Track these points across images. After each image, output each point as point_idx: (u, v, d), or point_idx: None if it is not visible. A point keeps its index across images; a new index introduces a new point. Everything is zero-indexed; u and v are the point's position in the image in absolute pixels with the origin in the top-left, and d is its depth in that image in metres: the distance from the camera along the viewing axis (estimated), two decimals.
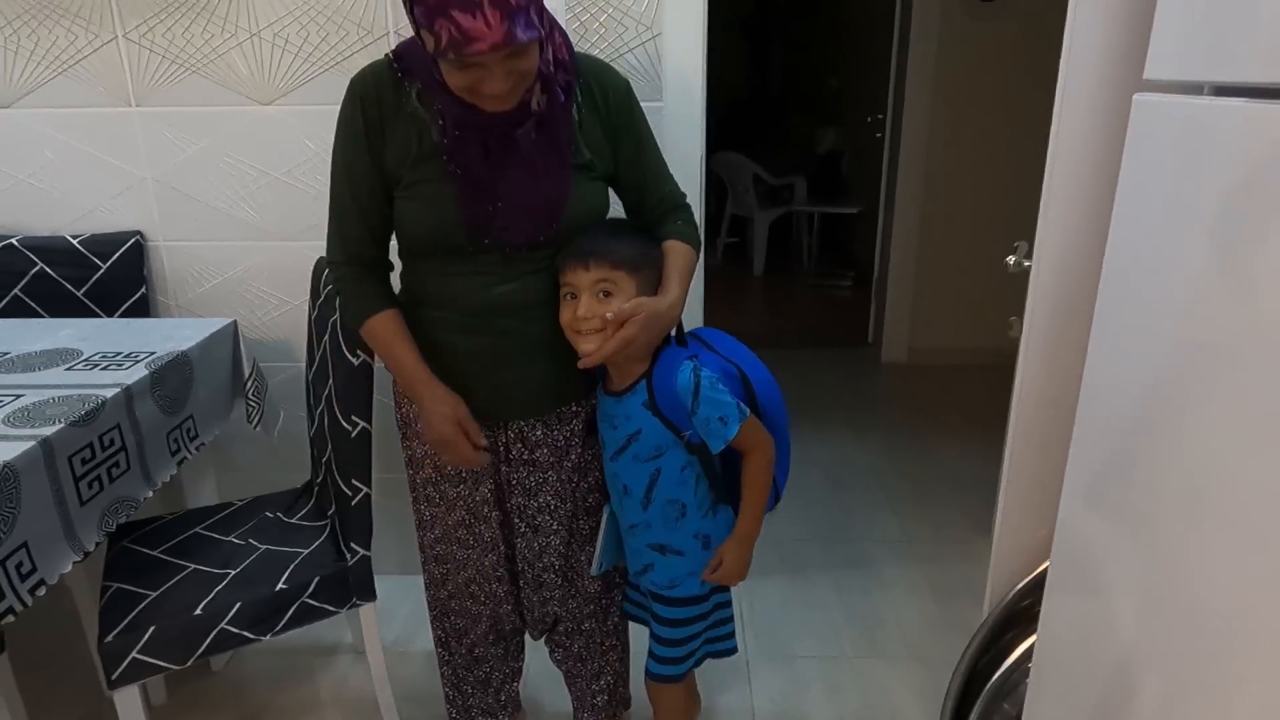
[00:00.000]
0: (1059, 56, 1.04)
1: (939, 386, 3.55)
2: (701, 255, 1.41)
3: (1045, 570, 1.03)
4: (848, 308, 4.62)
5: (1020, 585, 1.27)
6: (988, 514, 1.61)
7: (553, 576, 1.45)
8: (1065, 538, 0.98)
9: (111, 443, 1.38)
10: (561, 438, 1.37)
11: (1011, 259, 1.23)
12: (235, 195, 1.94)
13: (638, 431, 1.29)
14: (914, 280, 3.72)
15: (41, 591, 1.21)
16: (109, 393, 1.38)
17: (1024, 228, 1.22)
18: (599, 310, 1.20)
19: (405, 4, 1.03)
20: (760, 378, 1.35)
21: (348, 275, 1.26)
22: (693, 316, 2.01)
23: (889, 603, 2.17)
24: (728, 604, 1.46)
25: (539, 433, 1.36)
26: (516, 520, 1.41)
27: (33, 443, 1.20)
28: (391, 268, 1.32)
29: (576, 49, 1.27)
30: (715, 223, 5.52)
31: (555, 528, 1.41)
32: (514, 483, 1.38)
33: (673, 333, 1.32)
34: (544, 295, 1.26)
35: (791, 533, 2.50)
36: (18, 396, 1.36)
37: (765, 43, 6.91)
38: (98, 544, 1.35)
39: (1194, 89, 0.76)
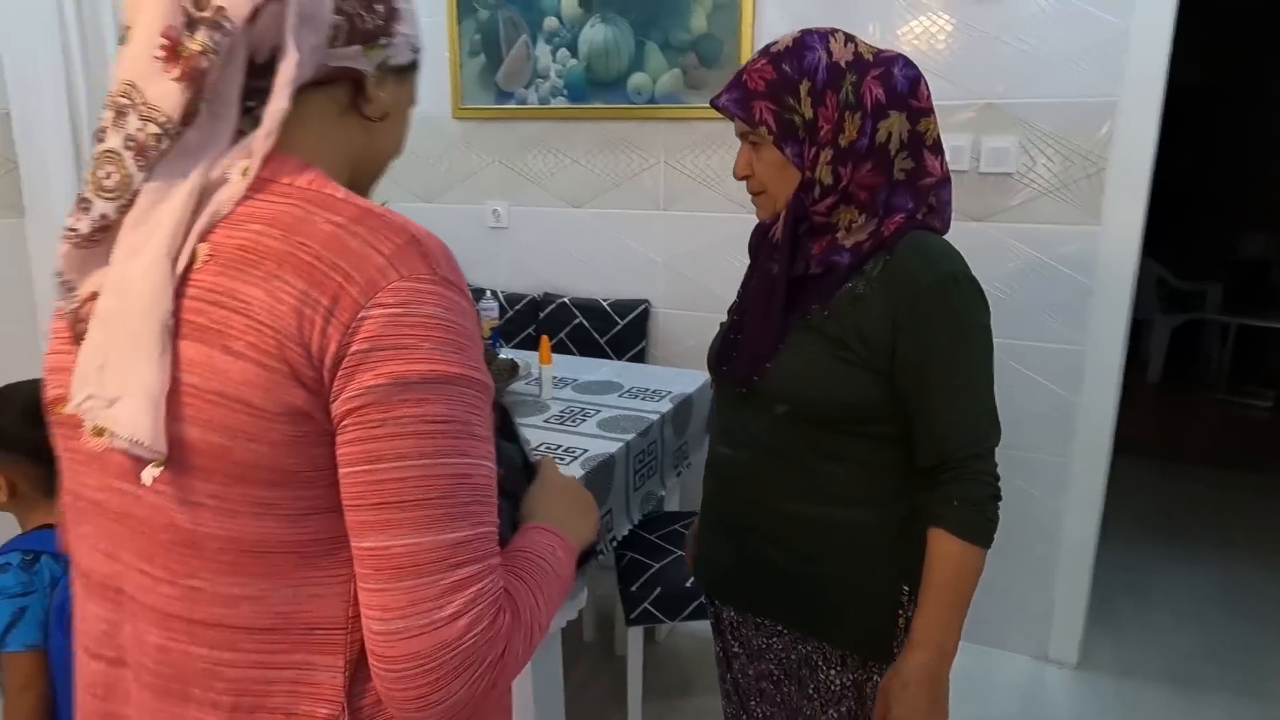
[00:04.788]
0: None
1: None
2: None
3: None
4: (1262, 430, 4.20)
5: None
6: None
7: None
8: None
9: (651, 452, 1.96)
10: (760, 642, 1.24)
11: None
12: (718, 278, 2.53)
13: None
14: None
15: (614, 545, 1.79)
16: (653, 416, 1.97)
17: None
18: None
19: None
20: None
21: None
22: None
23: None
24: None
25: (742, 631, 1.26)
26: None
27: (621, 444, 1.80)
28: None
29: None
30: None
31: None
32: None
33: None
34: (748, 456, 1.17)
35: (1182, 646, 2.47)
36: (599, 410, 2.00)
37: (1175, 131, 6.43)
38: (637, 521, 1.93)
39: None
